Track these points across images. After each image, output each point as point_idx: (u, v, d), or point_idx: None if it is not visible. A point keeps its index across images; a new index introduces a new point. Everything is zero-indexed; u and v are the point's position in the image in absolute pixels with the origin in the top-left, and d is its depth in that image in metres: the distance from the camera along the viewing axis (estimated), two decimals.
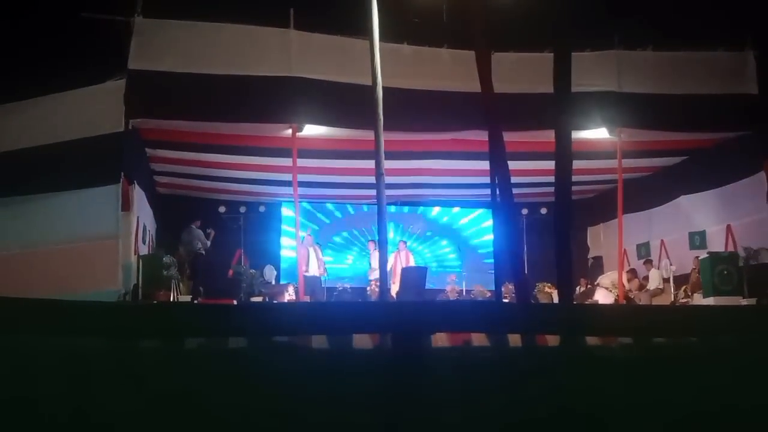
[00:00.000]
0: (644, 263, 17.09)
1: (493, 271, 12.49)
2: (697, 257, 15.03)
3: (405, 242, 18.46)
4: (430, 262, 19.78)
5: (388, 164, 10.54)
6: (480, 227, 20.58)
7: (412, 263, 17.43)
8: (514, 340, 3.48)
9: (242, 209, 18.80)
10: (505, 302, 13.21)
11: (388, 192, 10.82)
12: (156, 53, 12.37)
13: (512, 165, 10.69)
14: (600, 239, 19.92)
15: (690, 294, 15.23)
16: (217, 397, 3.08)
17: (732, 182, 14.96)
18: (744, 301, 13.19)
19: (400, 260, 17.30)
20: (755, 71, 14.44)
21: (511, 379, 3.32)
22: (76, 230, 11.60)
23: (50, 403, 2.99)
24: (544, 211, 19.40)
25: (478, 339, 3.44)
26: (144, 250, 14.36)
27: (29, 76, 12.18)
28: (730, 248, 14.78)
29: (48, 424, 2.99)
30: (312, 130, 13.34)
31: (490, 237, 17.54)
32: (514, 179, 10.68)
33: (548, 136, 9.39)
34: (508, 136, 10.73)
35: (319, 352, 3.29)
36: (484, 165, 11.83)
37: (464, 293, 18.00)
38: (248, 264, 17.23)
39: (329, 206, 20.31)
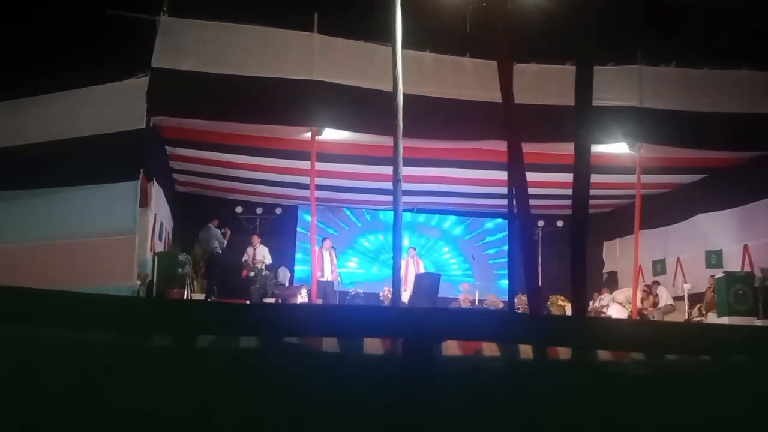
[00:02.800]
0: (652, 284, 16.95)
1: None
2: (713, 276, 14.93)
3: (415, 249, 18.43)
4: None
5: (405, 171, 10.55)
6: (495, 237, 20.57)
7: (422, 270, 17.41)
8: (526, 351, 3.48)
9: (259, 210, 18.87)
10: (517, 313, 13.18)
11: (405, 199, 10.82)
12: (180, 52, 12.45)
13: (530, 176, 10.68)
14: (615, 254, 19.83)
15: (704, 313, 15.13)
16: (226, 396, 3.10)
17: (751, 202, 14.85)
18: (759, 322, 13.08)
19: (413, 267, 17.30)
20: None
21: (520, 390, 3.31)
22: (94, 225, 11.68)
23: (58, 395, 3.01)
24: (560, 223, 19.34)
25: (489, 348, 3.43)
26: (160, 247, 14.44)
27: (54, 70, 12.30)
28: (747, 268, 14.67)
29: (56, 416, 3.01)
30: (331, 134, 13.36)
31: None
32: (531, 190, 10.67)
33: (567, 148, 9.36)
34: (527, 147, 10.71)
35: (329, 355, 3.30)
36: (502, 175, 11.82)
37: (477, 302, 17.97)
38: (263, 265, 17.28)
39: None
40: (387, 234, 18.47)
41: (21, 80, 11.74)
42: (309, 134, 13.21)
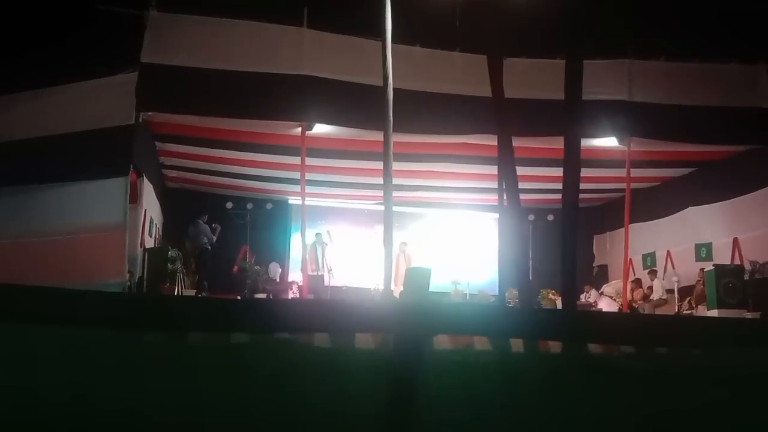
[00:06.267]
0: (648, 273, 17.05)
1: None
2: (703, 269, 15.00)
3: (406, 243, 18.41)
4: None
5: (396, 166, 10.55)
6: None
7: (411, 265, 17.40)
8: (516, 344, 3.48)
9: (249, 206, 18.81)
10: (508, 306, 13.20)
11: (396, 193, 10.82)
12: (169, 47, 12.42)
13: (520, 170, 10.70)
14: (606, 248, 19.89)
15: (694, 306, 15.20)
16: (217, 391, 3.09)
17: (740, 195, 14.93)
18: (748, 315, 13.16)
19: (404, 262, 17.31)
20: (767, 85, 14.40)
21: (511, 383, 3.32)
22: (84, 221, 11.65)
23: (50, 393, 3.00)
24: (550, 217, 19.37)
25: (481, 342, 3.43)
26: (150, 243, 14.40)
27: (42, 65, 12.22)
28: (737, 261, 14.74)
29: (47, 414, 3.00)
30: (321, 129, 13.35)
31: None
32: (521, 185, 10.68)
33: (557, 142, 9.39)
34: (518, 142, 10.73)
35: (321, 351, 3.29)
36: (493, 169, 11.83)
37: (468, 296, 17.99)
38: (253, 261, 17.27)
39: None
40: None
41: (8, 76, 11.66)
42: (299, 129, 13.19)
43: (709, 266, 14.66)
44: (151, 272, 13.09)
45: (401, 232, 19.37)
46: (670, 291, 16.17)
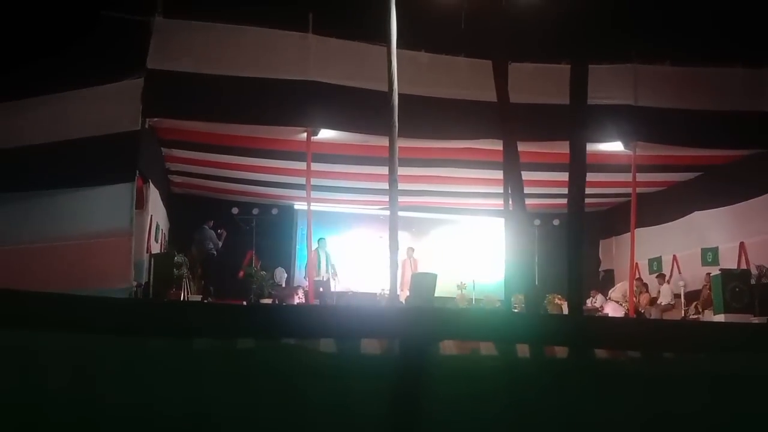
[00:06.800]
0: (657, 277, 17.01)
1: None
2: (709, 274, 14.96)
3: (413, 249, 18.41)
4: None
5: (401, 171, 10.55)
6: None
7: (418, 270, 17.40)
8: (523, 350, 3.47)
9: (255, 211, 18.81)
10: (514, 312, 13.19)
11: (401, 198, 10.83)
12: (175, 53, 12.44)
13: (526, 175, 10.69)
14: (612, 252, 19.85)
15: (701, 310, 15.15)
16: (223, 397, 3.09)
17: (746, 199, 14.90)
18: (755, 319, 13.12)
19: (410, 267, 17.31)
20: None
21: (518, 389, 3.31)
22: (90, 227, 11.66)
23: (56, 400, 3.01)
24: (556, 222, 19.31)
25: (486, 348, 3.43)
26: (156, 249, 14.42)
27: (48, 72, 12.25)
28: (743, 266, 14.70)
29: (53, 421, 3.00)
30: (327, 135, 13.36)
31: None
32: (527, 189, 10.68)
33: (563, 147, 9.37)
34: (523, 146, 10.74)
35: (326, 356, 3.29)
36: (498, 174, 11.83)
37: (474, 302, 17.97)
38: (259, 266, 17.27)
39: None
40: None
41: (15, 82, 11.69)
42: (305, 135, 13.20)
43: (715, 271, 14.63)
44: (157, 278, 13.10)
45: (407, 237, 19.40)
46: (677, 295, 16.13)
